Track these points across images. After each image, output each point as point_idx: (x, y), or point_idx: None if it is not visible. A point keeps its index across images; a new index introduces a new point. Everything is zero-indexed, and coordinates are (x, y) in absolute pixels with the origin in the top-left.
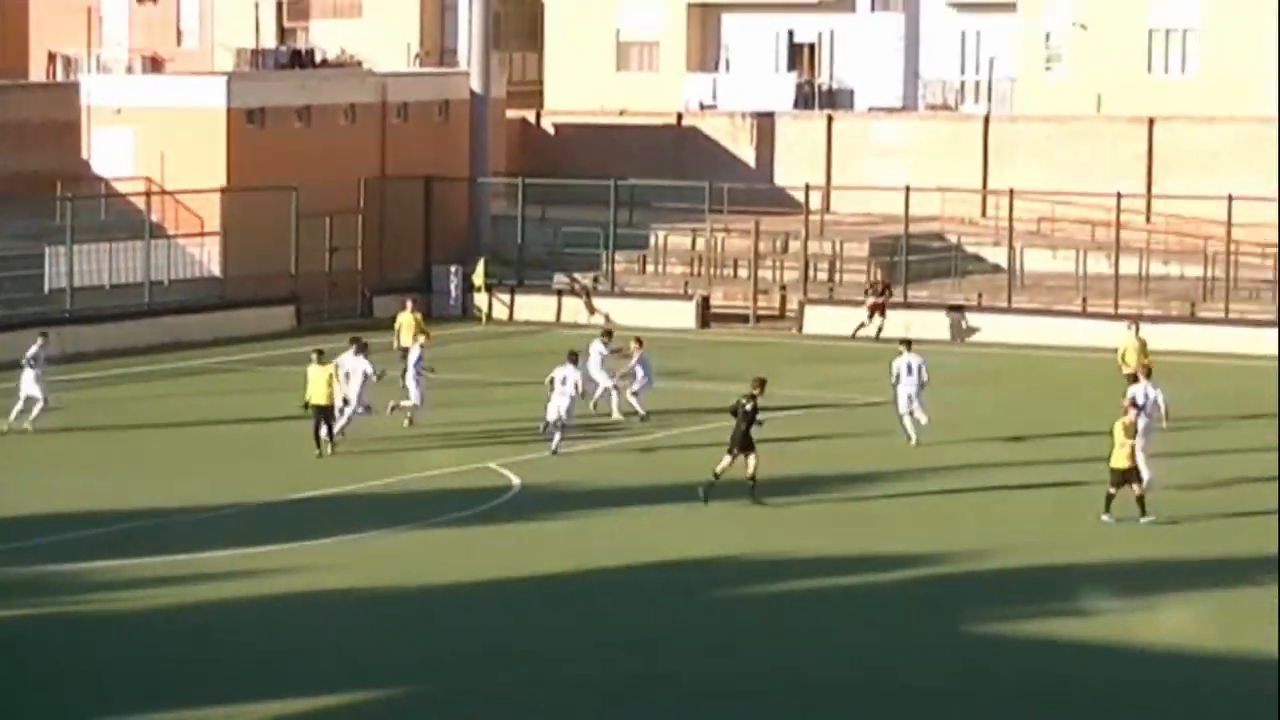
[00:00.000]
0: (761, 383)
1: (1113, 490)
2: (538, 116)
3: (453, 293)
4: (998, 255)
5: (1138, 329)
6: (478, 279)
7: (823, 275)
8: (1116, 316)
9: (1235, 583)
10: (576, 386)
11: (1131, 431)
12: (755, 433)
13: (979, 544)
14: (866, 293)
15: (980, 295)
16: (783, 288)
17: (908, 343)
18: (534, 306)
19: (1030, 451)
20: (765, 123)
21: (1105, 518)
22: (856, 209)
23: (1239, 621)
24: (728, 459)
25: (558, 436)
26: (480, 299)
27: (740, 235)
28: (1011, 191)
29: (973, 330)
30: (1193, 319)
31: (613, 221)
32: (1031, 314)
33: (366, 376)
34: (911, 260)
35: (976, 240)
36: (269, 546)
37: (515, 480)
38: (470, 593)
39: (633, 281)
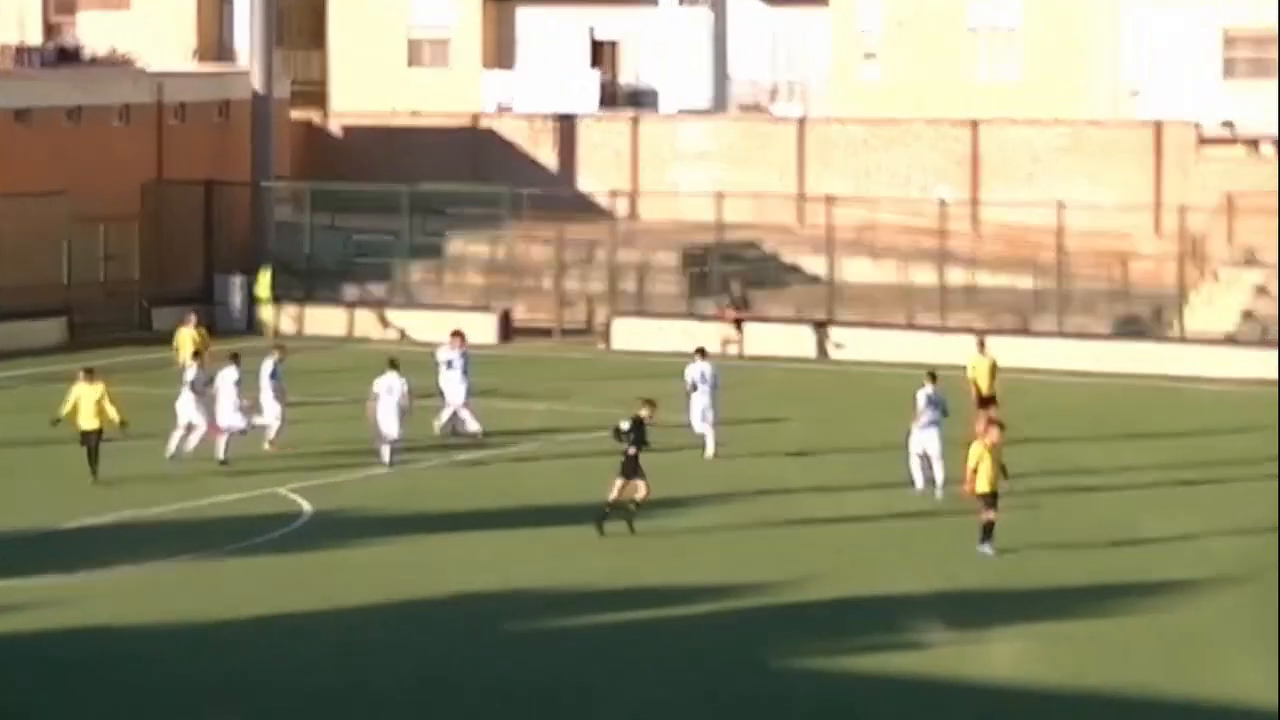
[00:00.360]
0: (649, 404)
1: (991, 516)
2: (325, 118)
3: (236, 305)
4: (816, 265)
5: (983, 346)
6: (262, 290)
7: (631, 286)
8: (944, 329)
9: (1069, 614)
10: (403, 396)
11: (997, 453)
12: (630, 452)
13: (801, 572)
14: (726, 306)
15: (798, 308)
16: (589, 300)
17: (701, 350)
18: (323, 320)
19: (854, 474)
20: (566, 125)
21: (984, 548)
22: (665, 216)
23: (1075, 655)
24: (630, 484)
25: (386, 450)
26: (266, 312)
27: (543, 244)
28: (829, 197)
29: (840, 346)
30: (1025, 332)
31: (406, 229)
32: (853, 326)
33: (238, 384)
34: (725, 270)
35: (793, 249)
36: (38, 578)
37: (306, 506)
38: (248, 629)
39: (429, 293)
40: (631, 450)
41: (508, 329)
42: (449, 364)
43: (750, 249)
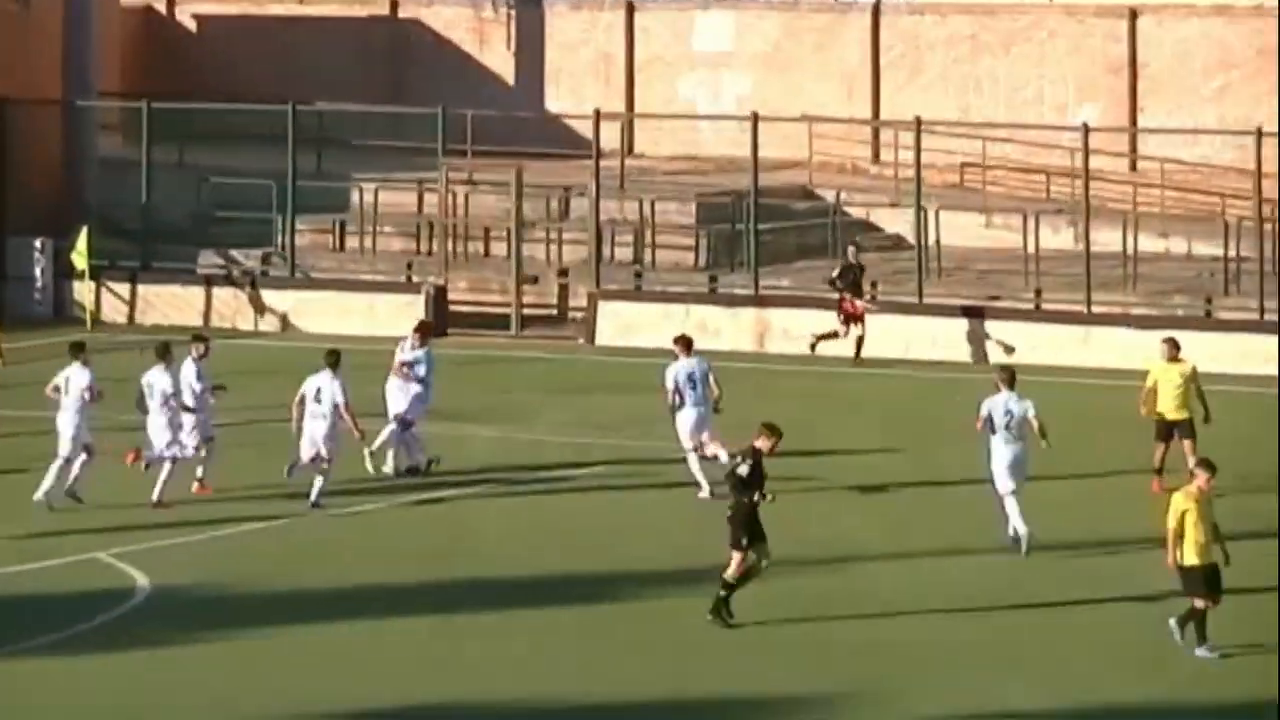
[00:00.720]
0: (772, 431)
1: (1200, 603)
2: (170, 5)
3: (39, 280)
4: (898, 222)
5: (1176, 349)
6: (78, 258)
7: (625, 254)
8: (1089, 318)
9: None
10: (337, 405)
11: (1207, 506)
12: (755, 499)
13: (879, 677)
14: (835, 280)
15: (875, 286)
16: (563, 273)
17: (686, 341)
18: (169, 302)
19: (953, 528)
20: (529, 16)
21: (1201, 650)
22: (675, 150)
23: None
24: (737, 557)
25: (318, 482)
26: (83, 290)
27: (493, 191)
28: (919, 122)
29: (1008, 349)
30: (1207, 322)
31: (291, 169)
32: (951, 314)
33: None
34: (766, 230)
35: (865, 199)
36: None
37: (140, 579)
38: None
39: (324, 263)
40: (748, 501)
41: (442, 316)
42: (410, 367)
43: (801, 199)
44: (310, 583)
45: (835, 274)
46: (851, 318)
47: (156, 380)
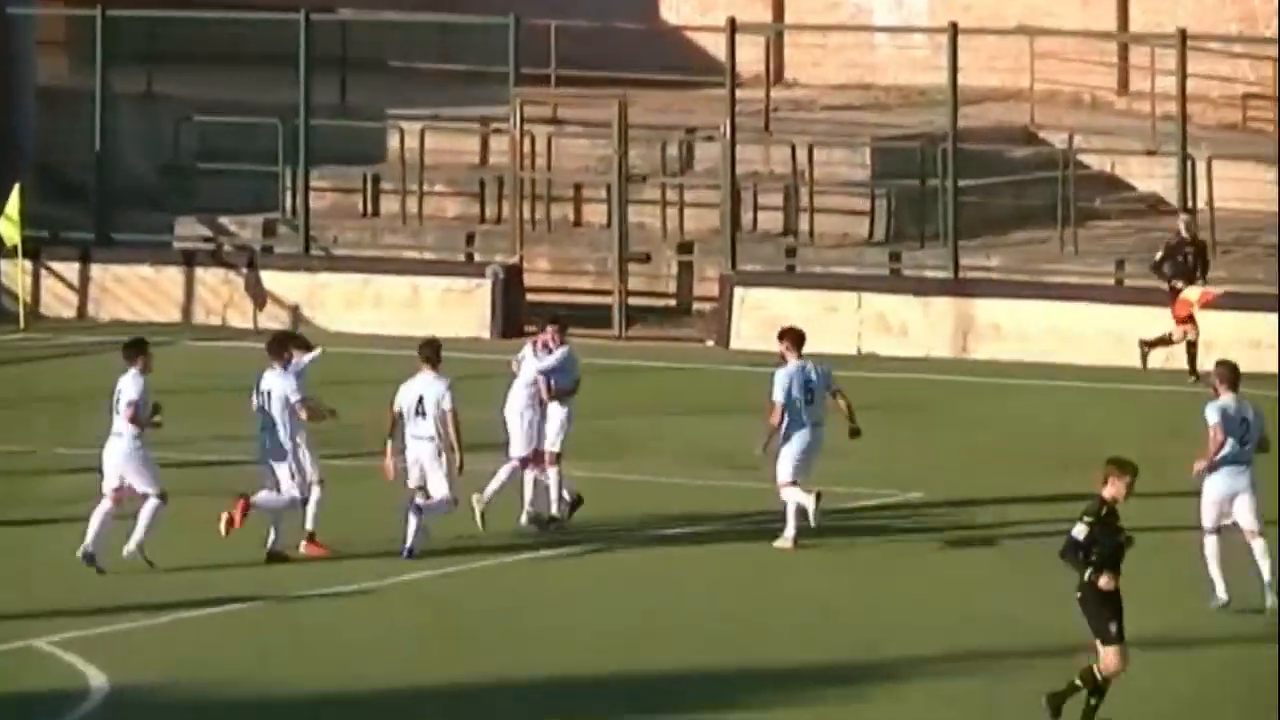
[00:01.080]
0: (1122, 469)
1: None
2: None
3: None
4: (1154, 176)
5: None
6: (8, 228)
7: (771, 221)
8: None
9: None
10: (444, 413)
11: None
12: (1104, 583)
13: None
14: (1161, 265)
15: (1204, 271)
16: (684, 248)
17: (796, 337)
18: (134, 289)
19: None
20: None
21: None
22: (841, 77)
23: None
24: (1110, 652)
25: (413, 523)
26: (14, 272)
27: (587, 133)
28: (1183, 37)
29: None
30: None
31: (304, 103)
32: (1229, 307)
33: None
34: (969, 188)
35: (1108, 144)
36: None
37: (94, 676)
38: None
39: (351, 234)
40: (1106, 581)
41: (514, 309)
42: (548, 376)
43: (1020, 144)
44: (319, 682)
45: (1160, 255)
46: (1181, 319)
47: (275, 386)
